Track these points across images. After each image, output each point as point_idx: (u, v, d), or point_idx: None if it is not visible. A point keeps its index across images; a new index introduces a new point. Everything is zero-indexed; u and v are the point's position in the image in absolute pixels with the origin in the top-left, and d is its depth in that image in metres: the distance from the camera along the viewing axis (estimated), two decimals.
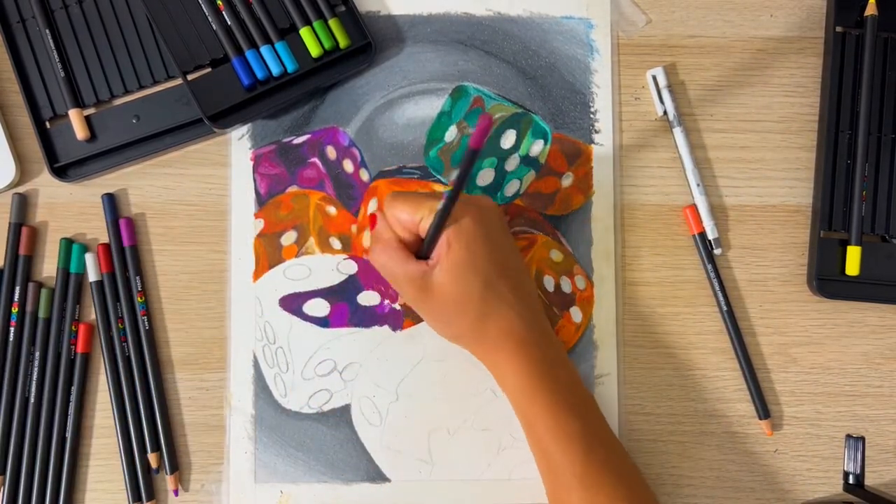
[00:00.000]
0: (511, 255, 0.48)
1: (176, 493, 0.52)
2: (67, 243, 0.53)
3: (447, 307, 0.47)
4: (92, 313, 0.53)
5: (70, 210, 0.54)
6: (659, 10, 0.57)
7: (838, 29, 0.56)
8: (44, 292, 0.52)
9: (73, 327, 0.52)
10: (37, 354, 0.52)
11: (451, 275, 0.46)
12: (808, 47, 0.57)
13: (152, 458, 0.51)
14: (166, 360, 0.53)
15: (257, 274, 0.54)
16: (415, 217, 0.46)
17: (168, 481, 0.52)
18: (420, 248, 0.48)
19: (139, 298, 0.53)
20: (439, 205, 0.44)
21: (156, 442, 0.52)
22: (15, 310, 0.52)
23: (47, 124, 0.54)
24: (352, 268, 0.54)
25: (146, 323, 0.53)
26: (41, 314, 0.52)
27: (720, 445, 0.54)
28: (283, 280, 0.54)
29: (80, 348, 0.52)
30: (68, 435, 0.52)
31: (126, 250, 0.53)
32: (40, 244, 0.54)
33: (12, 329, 0.52)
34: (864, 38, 0.55)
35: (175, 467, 0.52)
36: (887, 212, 0.55)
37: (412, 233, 0.48)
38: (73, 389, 0.52)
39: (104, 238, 0.54)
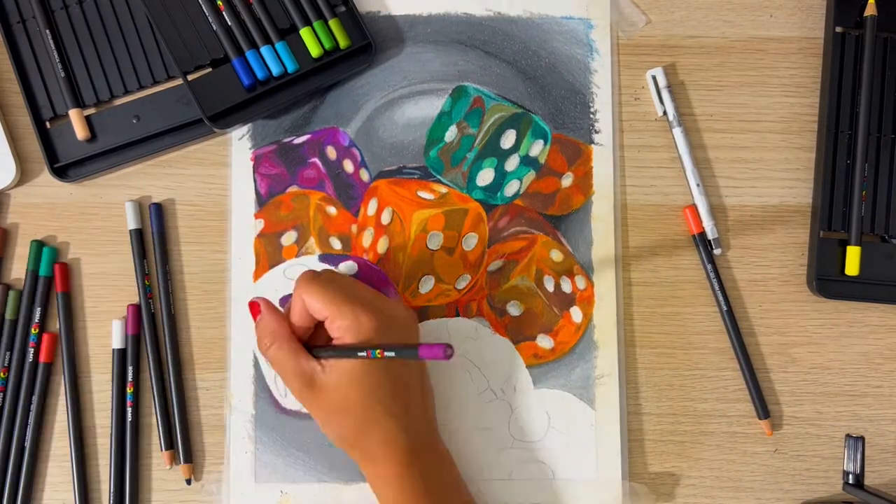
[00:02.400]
0: (412, 371, 0.48)
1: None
2: (38, 245, 0.53)
3: (330, 411, 0.45)
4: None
5: (70, 210, 0.54)
6: (659, 11, 0.57)
7: (838, 29, 0.56)
8: (11, 294, 0.52)
9: (34, 330, 0.52)
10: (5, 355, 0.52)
11: (341, 383, 0.44)
12: (808, 47, 0.57)
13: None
14: (166, 359, 0.53)
15: (257, 274, 0.54)
16: (324, 312, 0.45)
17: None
18: (305, 336, 0.47)
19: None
20: (361, 352, 0.43)
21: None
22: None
23: (47, 124, 0.54)
24: (352, 268, 0.54)
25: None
26: (8, 315, 0.52)
27: (720, 445, 0.54)
28: (283, 280, 0.54)
29: (42, 358, 0.52)
30: (28, 437, 0.52)
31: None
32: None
33: None
34: (864, 38, 0.55)
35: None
36: (887, 212, 0.55)
37: (310, 320, 0.46)
38: (35, 395, 0.52)
39: (104, 237, 0.54)
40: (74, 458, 0.52)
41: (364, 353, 0.43)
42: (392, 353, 0.41)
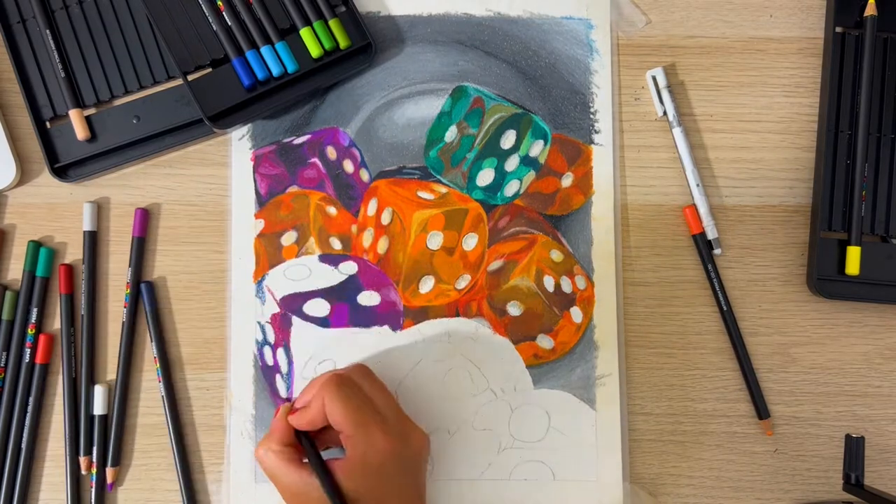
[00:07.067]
0: (405, 495, 0.46)
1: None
2: (35, 246, 0.53)
3: None
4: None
5: (70, 210, 0.54)
6: (659, 11, 0.57)
7: (838, 29, 0.56)
8: (8, 294, 0.52)
9: (30, 330, 0.52)
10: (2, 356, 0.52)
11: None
12: (808, 47, 0.57)
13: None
14: (168, 359, 0.53)
15: (257, 274, 0.54)
16: (341, 426, 0.44)
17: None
18: (317, 427, 0.46)
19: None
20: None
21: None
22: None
23: (47, 124, 0.54)
24: (352, 268, 0.54)
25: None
26: (4, 316, 0.52)
27: (720, 445, 0.54)
28: (283, 280, 0.54)
29: (39, 359, 0.52)
30: (24, 437, 0.52)
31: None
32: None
33: None
34: (864, 38, 0.55)
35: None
36: (887, 212, 0.55)
37: (325, 422, 0.45)
38: (32, 396, 0.52)
39: (104, 238, 0.54)
40: (69, 458, 0.52)
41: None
42: None
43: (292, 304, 0.54)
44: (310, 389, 0.47)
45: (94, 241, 0.53)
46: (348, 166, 0.55)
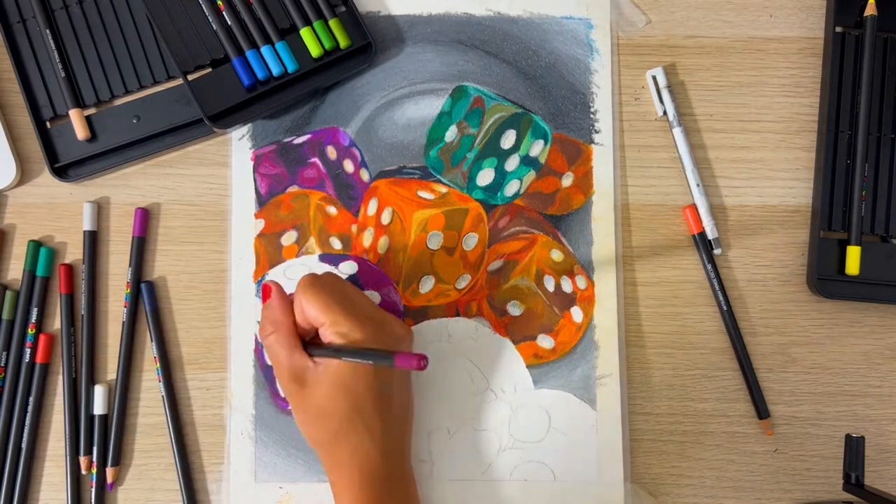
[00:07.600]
0: (400, 390, 0.47)
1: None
2: (35, 246, 0.53)
3: (311, 411, 0.45)
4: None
5: (70, 210, 0.54)
6: (659, 11, 0.57)
7: (838, 29, 0.56)
8: (9, 294, 0.52)
9: (30, 330, 0.52)
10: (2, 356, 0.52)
11: (327, 385, 0.45)
12: (808, 47, 0.57)
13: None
14: (168, 359, 0.53)
15: (257, 274, 0.54)
16: (321, 318, 0.45)
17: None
18: (307, 335, 0.47)
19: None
20: (352, 355, 0.43)
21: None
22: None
23: (48, 124, 0.54)
24: (352, 268, 0.54)
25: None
26: (5, 316, 0.52)
27: (720, 445, 0.54)
28: (283, 280, 0.54)
29: (39, 358, 0.52)
30: (24, 437, 0.52)
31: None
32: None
33: None
34: (864, 38, 0.55)
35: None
36: (887, 212, 0.55)
37: (307, 324, 0.46)
38: (32, 396, 0.52)
39: (103, 237, 0.54)
40: (69, 458, 0.52)
41: (345, 356, 0.43)
42: (369, 361, 0.42)
43: None
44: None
45: (94, 241, 0.54)
46: (348, 166, 0.55)
